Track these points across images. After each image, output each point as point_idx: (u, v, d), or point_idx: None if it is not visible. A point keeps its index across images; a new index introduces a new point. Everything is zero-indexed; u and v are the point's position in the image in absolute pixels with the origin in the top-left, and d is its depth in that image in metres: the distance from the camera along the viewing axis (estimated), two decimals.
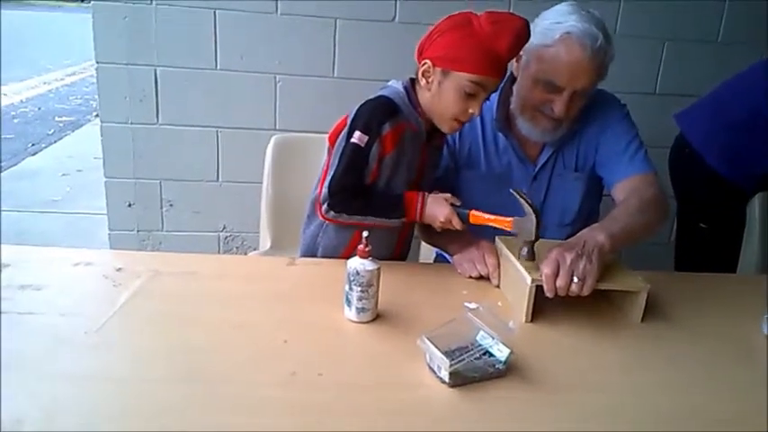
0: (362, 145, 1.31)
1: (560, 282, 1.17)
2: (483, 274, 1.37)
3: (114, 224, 2.54)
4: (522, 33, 1.27)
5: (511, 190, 1.26)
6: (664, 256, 2.26)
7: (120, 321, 1.11)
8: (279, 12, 2.39)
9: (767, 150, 2.01)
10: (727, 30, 2.59)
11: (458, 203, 1.34)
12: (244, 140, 2.49)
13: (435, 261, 1.75)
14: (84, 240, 3.39)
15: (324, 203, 1.35)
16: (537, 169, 1.59)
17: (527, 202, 1.24)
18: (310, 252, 1.49)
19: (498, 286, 1.35)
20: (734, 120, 2.04)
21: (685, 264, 2.26)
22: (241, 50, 2.41)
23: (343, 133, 1.36)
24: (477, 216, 1.31)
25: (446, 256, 1.57)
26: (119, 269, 1.28)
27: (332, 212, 1.35)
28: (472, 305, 1.24)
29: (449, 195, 1.35)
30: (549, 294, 1.18)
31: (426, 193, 1.36)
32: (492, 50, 1.25)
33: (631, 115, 1.64)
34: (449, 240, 1.50)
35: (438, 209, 1.34)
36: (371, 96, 1.37)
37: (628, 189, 1.48)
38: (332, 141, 1.41)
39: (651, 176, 1.51)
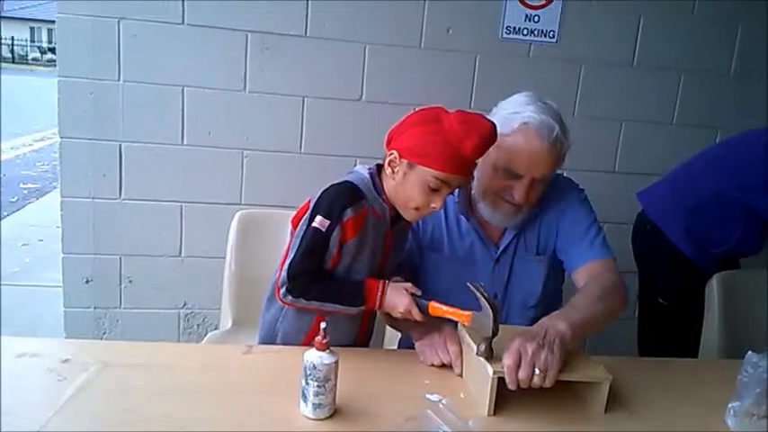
0: (323, 230, 1.30)
1: (522, 374, 1.15)
2: (445, 362, 1.35)
3: (70, 301, 2.46)
4: (489, 136, 1.29)
5: (468, 284, 1.25)
6: (627, 332, 2.27)
7: (62, 421, 1.04)
8: (247, 89, 2.42)
9: (724, 230, 2.07)
10: (681, 112, 2.70)
11: (418, 293, 1.32)
12: (208, 215, 2.46)
13: (400, 344, 1.72)
14: (39, 316, 3.26)
15: (282, 287, 1.32)
16: (499, 252, 1.60)
17: (484, 296, 1.22)
18: (270, 337, 1.45)
19: (461, 375, 1.33)
20: (693, 200, 2.10)
21: (647, 340, 2.27)
22: (209, 126, 2.43)
23: (305, 217, 1.35)
24: (436, 308, 1.30)
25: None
26: (65, 360, 1.22)
27: (290, 296, 1.33)
28: (434, 397, 1.21)
29: (409, 285, 1.34)
30: (511, 387, 1.16)
31: (387, 282, 1.34)
32: (458, 150, 1.27)
33: (592, 192, 1.67)
34: (411, 326, 1.47)
35: (398, 299, 1.32)
36: (336, 181, 1.37)
37: (588, 274, 1.49)
38: (294, 224, 1.40)
39: (611, 262, 1.53)
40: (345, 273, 1.36)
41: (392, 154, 1.33)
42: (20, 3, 33.87)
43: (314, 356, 1.10)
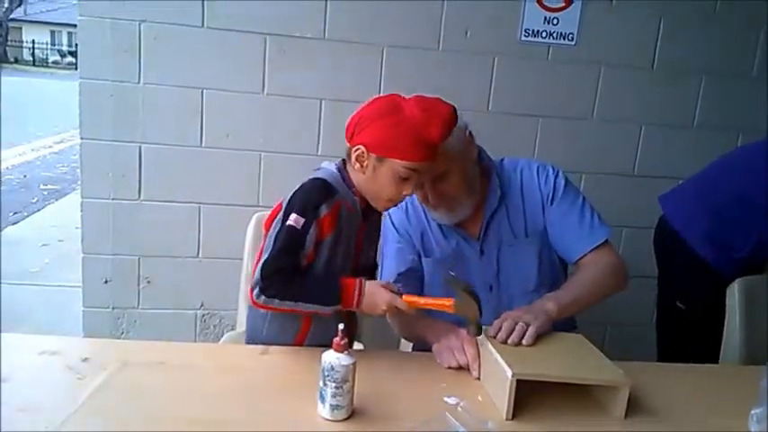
0: (299, 227, 1.29)
1: (504, 330, 1.29)
2: (462, 364, 1.34)
3: (89, 301, 2.48)
4: (450, 119, 1.32)
5: (445, 280, 1.33)
6: (646, 336, 2.25)
7: (81, 419, 1.05)
8: (265, 92, 2.43)
9: (747, 235, 2.04)
10: (701, 115, 2.67)
11: (395, 289, 1.33)
12: (226, 217, 2.47)
13: (414, 346, 1.71)
14: (58, 315, 3.30)
15: (255, 288, 1.29)
16: (481, 244, 1.61)
17: (461, 287, 1.27)
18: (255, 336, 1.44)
19: (479, 378, 1.32)
20: (715, 204, 2.07)
21: (667, 345, 2.24)
22: (227, 129, 2.44)
23: (277, 218, 1.33)
24: (412, 300, 1.32)
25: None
26: (85, 359, 1.23)
27: (263, 297, 1.29)
28: (452, 400, 1.20)
29: (386, 282, 1.35)
30: (497, 336, 1.28)
31: (364, 281, 1.33)
32: (424, 138, 1.29)
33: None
34: (428, 330, 1.47)
35: (378, 296, 1.31)
36: (305, 180, 1.36)
37: (590, 262, 1.55)
38: (267, 227, 1.37)
39: (608, 245, 1.58)
40: (323, 270, 1.35)
41: (359, 149, 1.33)
42: (40, 6, 34.37)
43: (332, 358, 1.10)
